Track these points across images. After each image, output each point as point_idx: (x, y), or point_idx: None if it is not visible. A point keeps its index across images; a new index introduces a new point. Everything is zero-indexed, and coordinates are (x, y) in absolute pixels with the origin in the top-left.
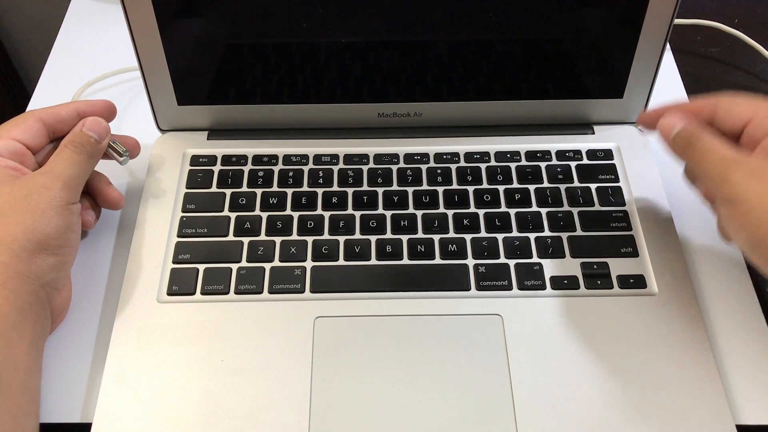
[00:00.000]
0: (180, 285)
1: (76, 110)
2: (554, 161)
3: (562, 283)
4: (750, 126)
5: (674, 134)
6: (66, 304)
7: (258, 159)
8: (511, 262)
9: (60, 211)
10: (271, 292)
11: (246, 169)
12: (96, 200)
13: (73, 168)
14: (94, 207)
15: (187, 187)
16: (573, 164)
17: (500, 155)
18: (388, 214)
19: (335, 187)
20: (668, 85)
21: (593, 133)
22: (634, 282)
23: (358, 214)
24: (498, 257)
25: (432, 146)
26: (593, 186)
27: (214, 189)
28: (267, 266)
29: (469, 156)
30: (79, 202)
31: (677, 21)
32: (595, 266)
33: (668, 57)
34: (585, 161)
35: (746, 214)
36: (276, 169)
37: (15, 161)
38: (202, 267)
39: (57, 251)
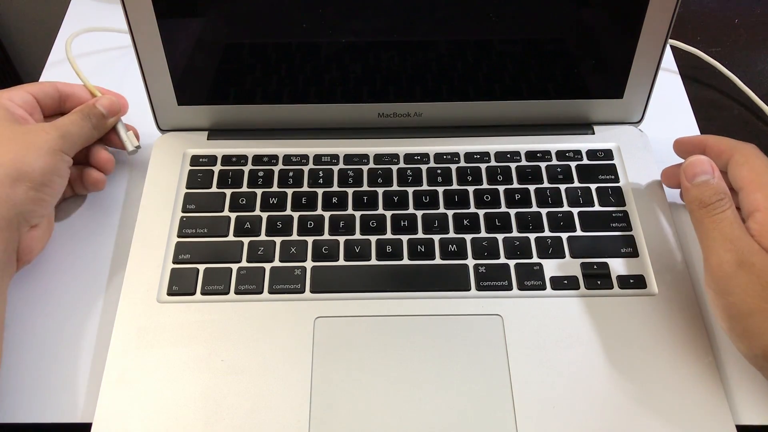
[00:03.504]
0: (180, 285)
1: (90, 92)
2: (554, 161)
3: (562, 283)
4: (741, 194)
5: (699, 181)
6: (36, 246)
7: (258, 159)
8: (511, 262)
9: (51, 152)
10: (271, 292)
11: (246, 169)
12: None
13: (75, 127)
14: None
15: (187, 187)
16: (573, 164)
17: (500, 155)
18: (388, 214)
19: (335, 187)
20: (668, 85)
21: (593, 133)
22: (634, 282)
23: (358, 214)
24: (498, 257)
25: (432, 146)
26: (593, 186)
27: (214, 189)
28: (267, 266)
29: (469, 156)
30: (71, 159)
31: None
32: (595, 266)
33: (668, 57)
34: (585, 161)
35: (735, 315)
36: (276, 169)
37: (24, 110)
38: (202, 267)
39: (39, 188)
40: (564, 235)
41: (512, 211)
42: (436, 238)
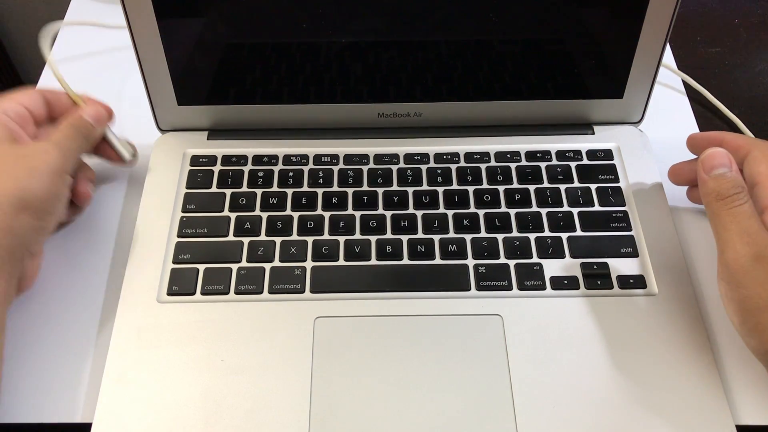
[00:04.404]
0: (180, 285)
1: (74, 102)
2: (554, 161)
3: (562, 283)
4: (757, 189)
5: (717, 173)
6: (35, 273)
7: (258, 159)
8: (511, 262)
9: (53, 177)
10: (271, 292)
11: (246, 169)
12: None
13: (71, 142)
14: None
15: (187, 187)
16: (573, 164)
17: (500, 155)
18: (388, 214)
19: (335, 188)
20: (668, 85)
21: (593, 134)
22: (634, 282)
23: (358, 214)
24: (498, 257)
25: (432, 146)
26: (593, 186)
27: (214, 189)
28: (267, 266)
29: (469, 156)
30: (71, 179)
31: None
32: (595, 266)
33: (668, 57)
34: (585, 161)
35: (747, 308)
36: (276, 169)
37: (18, 124)
38: (202, 267)
39: (41, 216)
40: (564, 235)
41: (512, 211)
42: (436, 238)
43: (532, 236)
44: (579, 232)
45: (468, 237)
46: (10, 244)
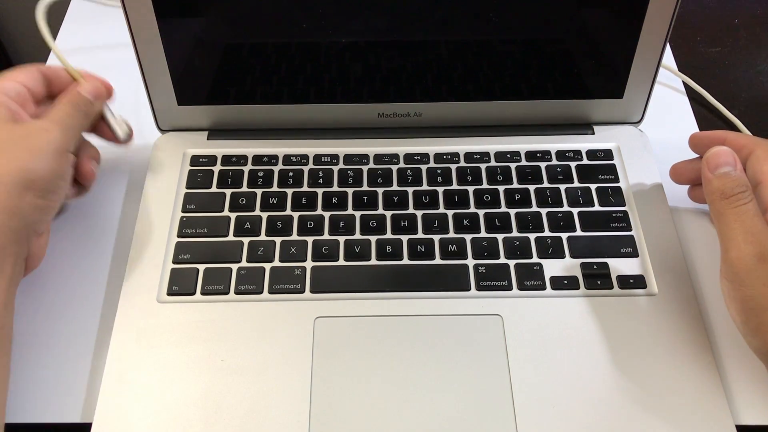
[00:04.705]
0: (180, 285)
1: (72, 77)
2: (554, 161)
3: (562, 283)
4: (760, 187)
5: (722, 172)
6: (42, 252)
7: (258, 159)
8: (511, 262)
9: (55, 155)
10: (271, 292)
11: (246, 169)
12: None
13: (70, 119)
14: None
15: (187, 187)
16: (573, 164)
17: (500, 155)
18: (388, 214)
19: (335, 187)
20: (668, 85)
21: (593, 134)
22: (634, 282)
23: (358, 214)
24: (498, 257)
25: (432, 146)
26: (593, 186)
27: (214, 189)
28: (267, 266)
29: (469, 156)
30: (74, 157)
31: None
32: (595, 266)
33: (668, 57)
34: (585, 161)
35: (749, 307)
36: (276, 169)
37: (17, 103)
38: (202, 267)
39: (45, 195)
40: (564, 235)
41: (512, 211)
42: (436, 238)
43: (532, 236)
44: (579, 232)
45: (468, 237)
46: (16, 226)
